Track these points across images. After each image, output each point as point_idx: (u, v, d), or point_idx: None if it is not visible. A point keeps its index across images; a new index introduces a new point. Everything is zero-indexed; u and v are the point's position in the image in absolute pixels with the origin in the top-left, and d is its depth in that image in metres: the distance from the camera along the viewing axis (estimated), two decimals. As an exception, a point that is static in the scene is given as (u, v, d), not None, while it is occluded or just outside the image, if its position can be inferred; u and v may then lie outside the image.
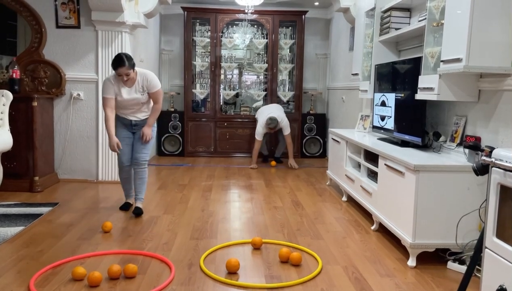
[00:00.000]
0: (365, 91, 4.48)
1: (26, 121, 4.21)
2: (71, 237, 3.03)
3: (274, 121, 5.74)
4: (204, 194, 4.39)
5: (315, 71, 7.24)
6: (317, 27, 7.15)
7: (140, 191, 3.64)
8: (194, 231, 3.23)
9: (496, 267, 1.79)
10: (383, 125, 3.97)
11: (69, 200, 3.97)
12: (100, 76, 4.66)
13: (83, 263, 2.58)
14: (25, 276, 2.39)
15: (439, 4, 2.92)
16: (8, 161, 4.13)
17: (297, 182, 5.07)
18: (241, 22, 6.81)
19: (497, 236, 1.79)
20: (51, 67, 4.59)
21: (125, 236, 3.08)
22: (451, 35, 2.67)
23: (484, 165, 1.89)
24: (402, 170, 2.78)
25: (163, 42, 7.04)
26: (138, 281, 2.37)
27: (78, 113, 4.73)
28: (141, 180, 3.62)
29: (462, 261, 2.62)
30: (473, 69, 2.53)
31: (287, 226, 3.41)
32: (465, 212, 2.58)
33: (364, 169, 3.78)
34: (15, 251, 2.76)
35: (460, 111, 3.08)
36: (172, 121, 6.63)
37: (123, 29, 4.63)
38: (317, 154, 6.85)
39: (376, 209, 3.31)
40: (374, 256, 2.83)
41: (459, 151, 2.92)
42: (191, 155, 6.70)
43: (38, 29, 4.56)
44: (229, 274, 2.49)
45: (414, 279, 2.49)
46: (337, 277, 2.48)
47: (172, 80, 7.10)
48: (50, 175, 4.57)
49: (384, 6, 4.08)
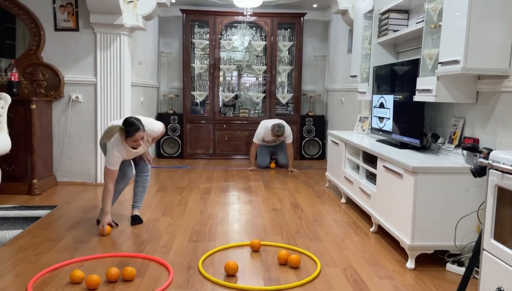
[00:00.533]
0: (363, 93, 4.48)
1: (24, 124, 4.21)
2: (69, 240, 3.03)
3: (282, 129, 5.62)
4: (203, 196, 4.38)
5: (313, 73, 7.25)
6: (316, 29, 7.16)
7: (139, 199, 3.52)
8: (192, 233, 3.23)
9: (494, 269, 1.79)
10: (381, 127, 3.97)
11: (67, 203, 3.97)
12: (99, 78, 4.66)
13: (82, 266, 2.58)
14: (23, 279, 2.38)
15: (437, 6, 2.93)
16: (7, 164, 4.12)
17: (296, 184, 5.07)
18: (240, 24, 6.82)
19: (495, 238, 1.79)
20: (49, 70, 4.59)
21: (124, 239, 3.08)
22: (449, 37, 2.68)
23: (482, 167, 1.89)
24: (401, 172, 2.78)
25: (162, 45, 7.04)
26: (137, 284, 2.36)
27: (76, 115, 4.72)
28: (144, 188, 3.53)
29: (461, 263, 2.61)
30: (471, 70, 2.53)
31: (286, 228, 3.41)
32: (463, 214, 2.57)
33: (362, 171, 3.78)
34: (13, 254, 2.75)
35: (458, 112, 3.08)
36: (171, 123, 6.63)
37: (121, 31, 4.63)
38: (316, 156, 6.85)
39: (375, 211, 3.30)
40: (373, 258, 2.82)
41: (457, 153, 2.92)
42: (190, 157, 6.70)
43: (36, 32, 4.56)
44: (228, 276, 2.48)
45: (413, 281, 2.48)
46: (336, 279, 2.48)
47: (171, 83, 7.11)
48: (49, 178, 4.57)
49: (382, 8, 4.09)
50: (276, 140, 5.86)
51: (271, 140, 5.84)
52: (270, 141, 5.86)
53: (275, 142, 5.93)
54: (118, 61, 4.67)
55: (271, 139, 5.81)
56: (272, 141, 5.87)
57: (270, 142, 5.91)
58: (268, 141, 5.86)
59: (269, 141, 5.86)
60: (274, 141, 5.87)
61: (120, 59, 4.67)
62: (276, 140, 5.86)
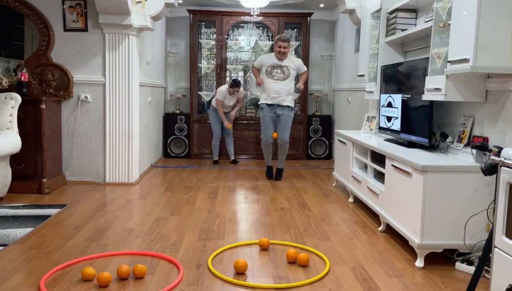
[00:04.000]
0: (371, 92, 4.48)
1: (34, 124, 4.25)
2: (79, 238, 3.05)
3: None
4: (210, 195, 4.40)
5: (320, 73, 7.25)
6: (323, 29, 7.16)
7: (230, 150, 6.36)
8: (201, 232, 3.24)
9: (505, 267, 1.79)
10: (389, 126, 3.97)
11: (77, 202, 4.00)
12: (108, 78, 4.69)
13: (93, 264, 2.60)
14: (35, 276, 2.41)
15: (446, 5, 2.92)
16: (17, 163, 4.16)
17: (303, 183, 5.07)
18: (247, 25, 6.84)
19: (506, 235, 1.79)
20: (58, 70, 4.63)
21: (133, 237, 3.10)
22: (458, 35, 2.67)
23: (492, 165, 1.89)
24: (410, 171, 2.78)
25: (169, 45, 7.07)
26: (147, 282, 2.38)
27: (85, 115, 4.76)
28: (230, 142, 6.34)
29: (470, 262, 2.61)
30: (480, 69, 2.53)
31: (294, 227, 3.42)
32: (473, 213, 2.57)
33: (370, 170, 3.78)
34: (24, 252, 2.78)
35: (467, 111, 3.07)
36: (178, 123, 6.66)
37: (130, 32, 4.66)
38: (323, 156, 6.85)
39: (383, 210, 3.30)
40: (381, 256, 2.83)
41: (466, 152, 2.91)
42: (197, 157, 6.72)
43: (46, 32, 4.60)
44: (237, 274, 2.50)
45: (422, 280, 2.48)
46: (345, 278, 2.49)
47: (178, 83, 7.14)
48: (58, 177, 4.60)
49: (390, 7, 4.09)
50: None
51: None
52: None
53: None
54: (126, 61, 4.70)
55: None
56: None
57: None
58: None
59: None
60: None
61: (128, 59, 4.70)
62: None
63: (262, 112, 5.10)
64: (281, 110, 5.00)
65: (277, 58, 4.96)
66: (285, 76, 4.97)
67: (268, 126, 5.06)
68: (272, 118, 5.05)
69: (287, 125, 5.04)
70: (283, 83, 4.97)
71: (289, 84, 5.01)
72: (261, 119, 5.12)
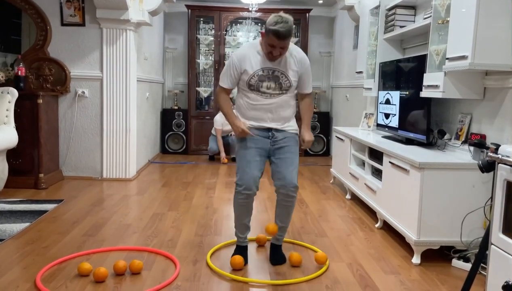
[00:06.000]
0: (369, 89, 4.48)
1: (31, 119, 4.23)
2: (76, 233, 3.05)
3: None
4: (208, 191, 4.40)
5: (319, 69, 7.24)
6: (321, 25, 7.15)
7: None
8: (198, 228, 3.24)
9: (502, 263, 1.79)
10: (387, 123, 3.97)
11: (74, 197, 3.99)
12: (105, 73, 4.67)
13: (89, 259, 2.59)
14: (32, 271, 2.40)
15: (445, 2, 2.92)
16: (14, 158, 4.14)
17: (301, 180, 5.07)
18: (245, 20, 6.82)
19: (503, 232, 1.79)
20: (56, 65, 4.61)
21: (130, 232, 3.10)
22: (457, 32, 2.67)
23: (490, 162, 1.89)
24: (407, 168, 2.78)
25: (167, 40, 7.04)
26: (144, 277, 2.38)
27: (83, 110, 4.74)
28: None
29: (466, 259, 2.61)
30: (479, 66, 2.53)
31: (291, 223, 3.39)
32: (470, 210, 2.57)
33: (368, 167, 3.78)
34: (21, 247, 2.77)
35: (465, 108, 3.07)
36: (175, 119, 6.65)
37: (127, 27, 4.64)
38: (320, 152, 6.86)
39: (380, 206, 3.31)
40: (378, 253, 2.83)
41: (464, 149, 2.91)
42: (194, 153, 6.71)
43: (43, 26, 4.58)
44: (234, 270, 2.49)
45: (418, 277, 2.49)
46: (342, 274, 2.49)
47: (176, 78, 7.11)
48: (55, 172, 4.59)
49: (389, 4, 4.08)
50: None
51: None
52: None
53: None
54: (124, 57, 4.68)
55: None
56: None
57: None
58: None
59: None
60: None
61: (126, 54, 4.68)
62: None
63: (239, 142, 2.71)
64: (281, 134, 2.67)
65: (268, 58, 2.69)
66: (282, 90, 2.63)
67: (252, 161, 2.70)
68: (261, 148, 2.68)
69: (293, 159, 2.68)
70: (279, 98, 2.63)
71: (288, 100, 2.68)
72: (238, 151, 2.75)
